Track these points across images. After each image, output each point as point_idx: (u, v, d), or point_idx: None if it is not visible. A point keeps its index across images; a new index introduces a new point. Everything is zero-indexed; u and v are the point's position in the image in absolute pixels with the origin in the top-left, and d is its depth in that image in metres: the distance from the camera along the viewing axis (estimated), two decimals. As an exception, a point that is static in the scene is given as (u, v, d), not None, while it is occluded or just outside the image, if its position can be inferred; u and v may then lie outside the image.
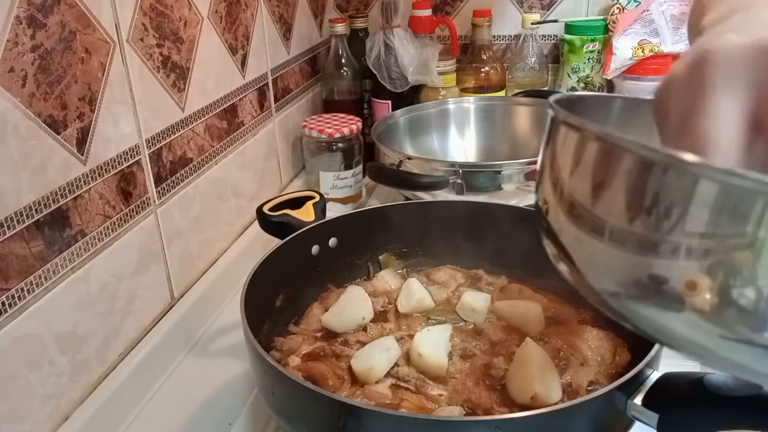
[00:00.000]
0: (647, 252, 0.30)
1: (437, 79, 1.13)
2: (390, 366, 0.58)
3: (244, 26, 0.91)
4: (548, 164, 0.38)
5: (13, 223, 0.52)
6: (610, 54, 1.14)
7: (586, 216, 0.33)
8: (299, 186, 1.09)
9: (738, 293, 0.28)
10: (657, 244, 0.30)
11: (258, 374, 0.52)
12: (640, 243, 0.30)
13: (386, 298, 0.70)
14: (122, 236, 0.66)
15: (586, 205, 0.33)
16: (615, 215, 0.31)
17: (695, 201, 0.28)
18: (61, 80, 0.56)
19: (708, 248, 0.28)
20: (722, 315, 0.28)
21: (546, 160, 0.38)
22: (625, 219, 0.31)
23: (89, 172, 0.60)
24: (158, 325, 0.72)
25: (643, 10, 1.13)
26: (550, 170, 0.37)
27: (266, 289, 0.62)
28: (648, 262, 0.30)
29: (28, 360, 0.54)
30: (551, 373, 0.55)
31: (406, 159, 0.91)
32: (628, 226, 0.31)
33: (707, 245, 0.28)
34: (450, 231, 0.74)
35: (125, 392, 0.64)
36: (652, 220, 0.30)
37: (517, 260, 0.71)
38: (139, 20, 0.67)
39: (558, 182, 0.36)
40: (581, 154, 0.34)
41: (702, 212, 0.28)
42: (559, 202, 0.36)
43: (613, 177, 0.32)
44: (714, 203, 0.28)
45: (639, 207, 0.30)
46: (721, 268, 0.28)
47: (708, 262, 0.28)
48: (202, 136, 0.81)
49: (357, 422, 0.44)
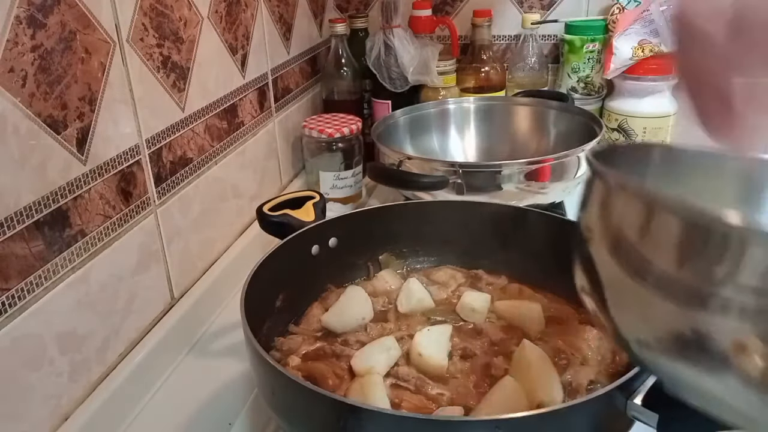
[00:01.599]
0: (693, 304, 0.28)
1: (437, 79, 1.13)
2: (390, 366, 0.58)
3: (244, 26, 0.91)
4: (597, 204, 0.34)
5: (13, 223, 0.52)
6: (610, 54, 1.14)
7: (633, 255, 0.31)
8: (299, 186, 1.09)
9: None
10: (706, 297, 0.27)
11: (258, 374, 0.52)
12: (688, 293, 0.28)
13: (386, 298, 0.70)
14: (122, 236, 0.66)
15: (634, 243, 0.31)
16: (663, 261, 0.29)
17: (745, 263, 0.26)
18: (61, 80, 0.56)
19: (763, 308, 0.26)
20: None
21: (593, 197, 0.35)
22: (673, 266, 0.28)
23: (89, 172, 0.60)
24: (158, 325, 0.72)
25: (643, 10, 1.13)
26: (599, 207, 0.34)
27: (266, 289, 0.62)
28: (693, 316, 0.28)
29: (28, 360, 0.54)
30: (552, 375, 0.55)
31: (406, 159, 0.91)
32: (676, 272, 0.28)
33: (762, 305, 0.26)
34: (450, 231, 0.74)
35: (125, 392, 0.64)
36: (702, 270, 0.27)
37: (517, 260, 0.71)
38: (139, 20, 0.67)
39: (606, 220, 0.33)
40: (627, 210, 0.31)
41: (756, 272, 0.26)
42: (604, 234, 0.33)
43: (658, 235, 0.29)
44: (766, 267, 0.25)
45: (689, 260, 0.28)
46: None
47: (762, 323, 0.26)
48: (202, 136, 0.81)
49: (357, 422, 0.44)
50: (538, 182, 0.87)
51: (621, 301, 0.32)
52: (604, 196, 0.33)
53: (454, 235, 0.74)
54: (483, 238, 0.72)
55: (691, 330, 0.28)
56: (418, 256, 0.76)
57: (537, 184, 0.87)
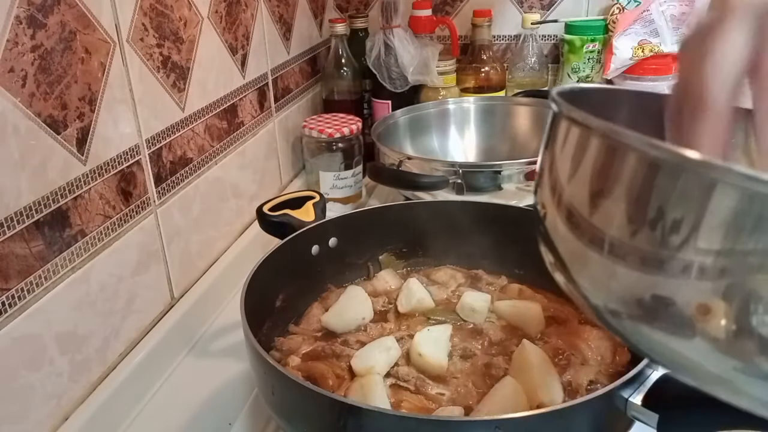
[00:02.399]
0: (652, 269, 0.26)
1: (437, 79, 1.13)
2: (390, 366, 0.58)
3: (244, 26, 0.91)
4: (548, 164, 0.35)
5: (13, 223, 0.52)
6: (610, 54, 1.14)
7: (585, 225, 0.30)
8: (299, 186, 1.09)
9: (759, 321, 0.24)
10: (664, 261, 0.26)
11: (258, 374, 0.52)
12: (645, 258, 0.27)
13: (386, 298, 0.70)
14: (122, 236, 0.66)
15: (585, 212, 0.30)
16: (617, 225, 0.28)
17: (711, 210, 0.24)
18: (61, 80, 0.56)
19: (724, 267, 0.24)
20: (739, 345, 0.25)
21: (546, 160, 0.35)
22: (627, 230, 0.27)
23: (89, 172, 0.60)
24: (158, 325, 0.72)
25: (643, 10, 1.14)
26: (549, 171, 0.34)
27: (266, 289, 0.62)
28: (653, 281, 0.26)
29: (28, 360, 0.54)
30: (552, 375, 0.55)
31: (406, 159, 0.91)
32: (630, 238, 0.27)
33: (724, 264, 0.24)
34: (450, 231, 0.74)
35: (125, 392, 0.64)
36: (658, 232, 0.26)
37: (517, 260, 0.71)
38: (139, 20, 0.67)
39: (557, 185, 0.33)
40: (583, 152, 0.31)
41: (719, 224, 0.24)
42: (558, 207, 0.33)
43: (616, 179, 0.28)
44: (733, 213, 0.24)
45: (644, 216, 0.26)
46: (739, 291, 0.24)
47: (724, 283, 0.24)
48: (202, 136, 0.81)
49: (357, 422, 0.44)
50: (538, 182, 0.87)
51: (584, 271, 0.31)
52: (563, 138, 0.32)
53: (454, 235, 0.74)
54: (483, 238, 0.72)
55: (653, 296, 0.27)
56: (418, 256, 0.76)
57: (537, 184, 0.87)
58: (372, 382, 0.54)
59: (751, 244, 0.24)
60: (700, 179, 0.25)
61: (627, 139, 0.27)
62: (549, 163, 0.34)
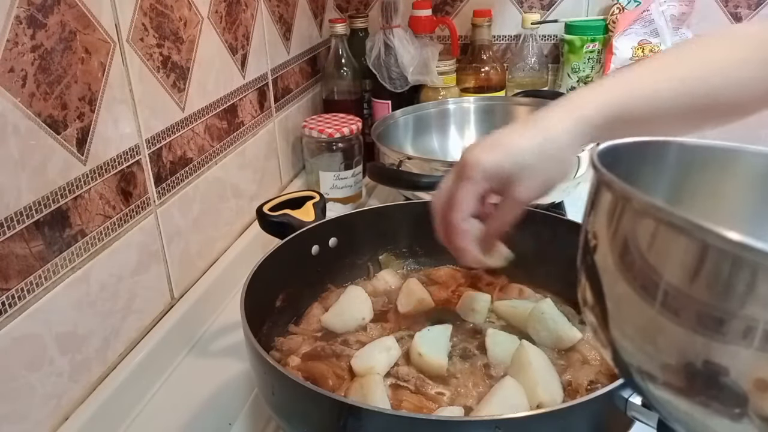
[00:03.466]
0: (709, 329, 0.23)
1: (437, 79, 1.13)
2: (390, 366, 0.58)
3: (244, 26, 0.91)
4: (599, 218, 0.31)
5: (13, 223, 0.52)
6: (610, 54, 1.14)
7: (641, 267, 0.26)
8: (299, 186, 1.09)
9: None
10: (724, 320, 0.22)
11: (258, 374, 0.52)
12: (702, 314, 0.23)
13: (386, 298, 0.70)
14: (122, 236, 0.66)
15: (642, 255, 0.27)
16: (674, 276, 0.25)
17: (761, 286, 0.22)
18: (61, 80, 0.56)
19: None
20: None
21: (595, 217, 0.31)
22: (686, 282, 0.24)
23: (89, 172, 0.60)
24: (158, 325, 0.72)
25: (643, 10, 1.14)
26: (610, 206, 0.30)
27: (266, 289, 0.62)
28: (707, 343, 0.23)
29: (29, 360, 0.54)
30: (552, 375, 0.55)
31: (406, 159, 0.91)
32: (688, 289, 0.24)
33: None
34: (450, 231, 0.74)
35: (125, 392, 0.64)
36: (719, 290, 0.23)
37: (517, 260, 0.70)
38: (139, 20, 0.67)
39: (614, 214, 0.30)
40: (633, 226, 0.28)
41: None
42: (611, 242, 0.29)
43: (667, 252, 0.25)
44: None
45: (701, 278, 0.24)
46: None
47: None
48: (202, 136, 0.81)
49: (357, 422, 0.44)
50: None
51: (624, 319, 0.28)
52: (611, 206, 0.30)
53: (454, 235, 0.74)
54: (483, 238, 0.72)
55: (704, 361, 0.23)
56: (418, 256, 0.76)
57: (537, 184, 0.87)
58: (372, 382, 0.54)
59: None
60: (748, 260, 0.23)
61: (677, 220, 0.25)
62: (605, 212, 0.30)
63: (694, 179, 0.39)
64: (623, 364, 0.28)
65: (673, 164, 0.39)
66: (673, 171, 0.39)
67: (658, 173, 0.38)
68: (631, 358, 0.27)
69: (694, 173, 0.39)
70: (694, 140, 0.40)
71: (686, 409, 0.24)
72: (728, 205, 0.38)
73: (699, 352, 0.23)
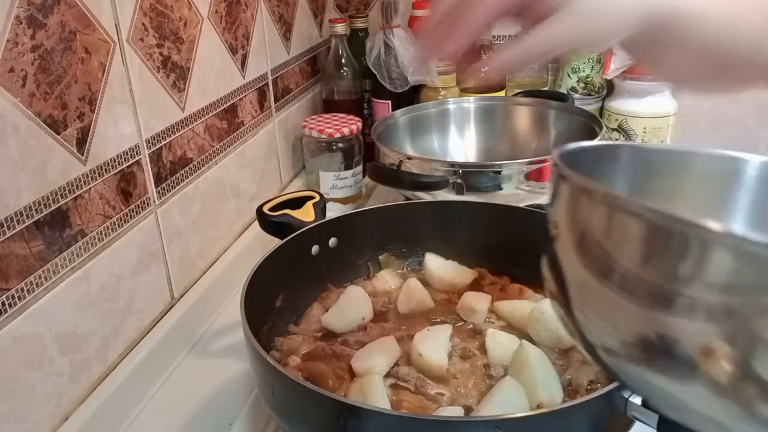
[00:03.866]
0: (659, 305, 0.26)
1: (437, 79, 1.13)
2: (390, 366, 0.58)
3: (244, 26, 0.91)
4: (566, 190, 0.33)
5: (13, 223, 0.52)
6: (610, 54, 1.14)
7: (597, 254, 0.29)
8: (299, 186, 1.09)
9: (763, 366, 0.24)
10: (672, 298, 0.26)
11: (258, 374, 0.52)
12: (653, 294, 0.26)
13: (386, 298, 0.70)
14: (122, 236, 0.66)
15: (598, 242, 0.30)
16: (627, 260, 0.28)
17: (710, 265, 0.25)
18: (61, 80, 0.56)
19: (731, 309, 0.24)
20: (740, 390, 0.25)
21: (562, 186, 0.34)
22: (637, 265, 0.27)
23: (89, 172, 0.60)
24: (158, 325, 0.72)
25: (643, 10, 1.13)
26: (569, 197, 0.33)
27: (266, 289, 0.62)
28: (658, 318, 0.26)
29: (28, 360, 0.54)
30: (552, 375, 0.55)
31: (406, 159, 0.91)
32: (640, 272, 0.27)
33: (730, 304, 0.24)
34: (450, 231, 0.74)
35: (125, 392, 0.64)
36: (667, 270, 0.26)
37: (517, 260, 0.71)
38: (139, 20, 0.67)
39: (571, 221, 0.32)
40: (590, 215, 0.30)
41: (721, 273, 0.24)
42: (570, 232, 0.32)
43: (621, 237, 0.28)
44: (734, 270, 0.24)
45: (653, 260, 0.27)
46: (744, 334, 0.24)
47: (730, 325, 0.24)
48: (202, 136, 0.81)
49: (357, 422, 0.44)
50: (538, 182, 0.87)
51: (586, 303, 0.31)
52: (569, 198, 0.32)
53: (454, 235, 0.74)
54: (483, 238, 0.72)
55: (657, 334, 0.26)
56: (418, 256, 0.76)
57: (537, 185, 0.87)
58: (372, 382, 0.54)
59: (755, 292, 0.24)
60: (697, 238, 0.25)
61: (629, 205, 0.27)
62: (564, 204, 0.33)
63: (653, 182, 0.41)
64: (589, 345, 0.31)
65: (630, 167, 0.42)
66: (630, 173, 0.41)
67: (617, 175, 0.41)
68: (595, 338, 0.31)
69: (652, 176, 0.41)
70: (648, 144, 0.43)
71: (647, 378, 0.28)
72: (688, 206, 0.41)
73: (652, 326, 0.27)
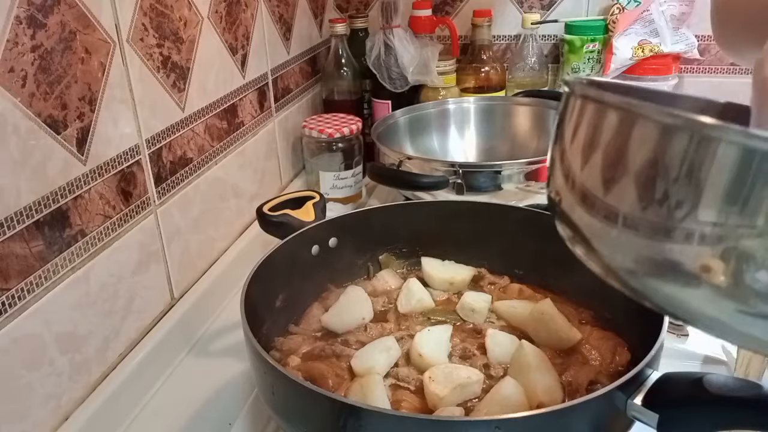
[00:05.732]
0: (662, 237, 0.31)
1: (437, 79, 1.13)
2: (390, 366, 0.58)
3: (244, 26, 0.91)
4: (559, 153, 0.37)
5: (13, 223, 0.52)
6: (610, 54, 1.14)
7: (600, 204, 0.34)
8: (299, 186, 1.09)
9: (751, 277, 0.29)
10: (670, 230, 0.30)
11: (258, 374, 0.52)
12: (654, 229, 0.31)
13: (386, 298, 0.70)
14: (122, 236, 0.66)
15: (598, 193, 0.34)
16: (629, 202, 0.32)
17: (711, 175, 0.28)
18: (61, 80, 0.56)
19: (720, 235, 0.29)
20: (737, 292, 0.30)
21: (557, 148, 0.38)
22: (637, 206, 0.31)
23: (89, 172, 0.60)
24: (158, 325, 0.72)
25: (643, 10, 1.14)
26: (561, 159, 0.37)
27: (266, 289, 0.62)
28: (663, 247, 0.31)
29: (28, 360, 0.54)
30: (552, 376, 0.55)
31: (406, 159, 0.91)
32: (641, 213, 0.31)
33: (719, 232, 0.29)
34: (450, 231, 0.74)
35: (125, 392, 0.64)
36: (664, 207, 0.30)
37: (517, 260, 0.71)
38: (139, 20, 0.67)
39: (570, 171, 0.36)
40: (596, 128, 0.34)
41: (715, 194, 0.28)
42: (572, 191, 0.36)
43: (625, 150, 0.32)
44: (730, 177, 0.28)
45: (652, 191, 0.31)
46: (733, 253, 0.29)
47: (721, 248, 0.29)
48: (202, 136, 0.81)
49: (357, 422, 0.44)
50: (538, 182, 0.87)
51: (601, 242, 0.35)
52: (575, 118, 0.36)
53: (454, 235, 0.74)
54: (483, 238, 0.72)
55: (664, 258, 0.31)
56: (418, 256, 0.76)
57: (537, 184, 0.87)
58: (372, 383, 0.54)
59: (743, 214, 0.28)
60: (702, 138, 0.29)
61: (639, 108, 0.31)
62: (560, 151, 0.37)
63: None
64: (612, 271, 0.35)
65: None
66: None
67: None
68: (615, 264, 0.35)
69: None
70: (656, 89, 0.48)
71: (662, 288, 0.33)
72: None
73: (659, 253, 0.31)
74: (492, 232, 0.71)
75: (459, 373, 0.55)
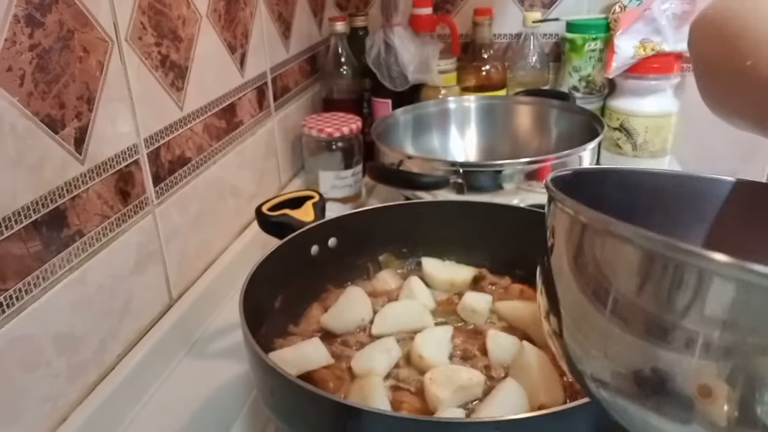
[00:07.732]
0: (655, 337, 0.25)
1: (437, 78, 1.13)
2: (390, 367, 0.58)
3: (243, 25, 0.91)
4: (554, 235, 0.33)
5: (10, 224, 0.51)
6: (612, 53, 1.14)
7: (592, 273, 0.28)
8: (298, 185, 1.09)
9: (764, 410, 0.22)
10: (669, 329, 0.24)
11: (257, 375, 0.52)
12: (649, 323, 0.25)
13: (386, 298, 0.69)
14: (120, 236, 0.65)
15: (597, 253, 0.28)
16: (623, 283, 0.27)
17: (708, 296, 0.23)
18: (59, 79, 0.56)
19: (730, 346, 0.23)
20: None
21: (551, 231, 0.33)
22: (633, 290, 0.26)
23: (87, 171, 0.60)
24: (156, 326, 0.71)
25: (645, 8, 1.13)
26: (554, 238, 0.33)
27: (265, 290, 0.62)
28: (655, 351, 0.25)
29: (25, 361, 0.54)
30: (553, 377, 0.55)
31: (406, 158, 0.91)
32: (636, 297, 0.26)
33: (729, 341, 0.23)
34: (450, 231, 0.73)
35: (123, 394, 0.64)
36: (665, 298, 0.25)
37: (518, 260, 0.70)
38: (137, 19, 0.67)
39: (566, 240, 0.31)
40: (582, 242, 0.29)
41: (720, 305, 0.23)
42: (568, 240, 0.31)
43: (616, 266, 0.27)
44: (734, 301, 0.22)
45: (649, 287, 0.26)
46: (744, 374, 0.23)
47: (729, 364, 0.23)
48: (201, 135, 0.81)
49: (356, 423, 0.44)
50: (539, 182, 0.87)
51: (577, 325, 0.29)
52: (563, 222, 0.31)
53: (455, 235, 0.73)
54: (484, 238, 0.72)
55: (652, 368, 0.25)
56: (418, 256, 0.75)
57: (538, 184, 0.87)
58: (372, 384, 0.54)
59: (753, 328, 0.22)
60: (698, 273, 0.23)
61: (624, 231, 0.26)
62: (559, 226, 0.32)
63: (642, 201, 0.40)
64: (577, 371, 0.30)
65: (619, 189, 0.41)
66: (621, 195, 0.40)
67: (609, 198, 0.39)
68: (584, 366, 0.29)
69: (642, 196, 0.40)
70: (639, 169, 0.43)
71: (640, 415, 0.26)
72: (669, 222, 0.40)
73: (647, 359, 0.25)
74: (493, 232, 0.71)
75: (460, 374, 0.55)
